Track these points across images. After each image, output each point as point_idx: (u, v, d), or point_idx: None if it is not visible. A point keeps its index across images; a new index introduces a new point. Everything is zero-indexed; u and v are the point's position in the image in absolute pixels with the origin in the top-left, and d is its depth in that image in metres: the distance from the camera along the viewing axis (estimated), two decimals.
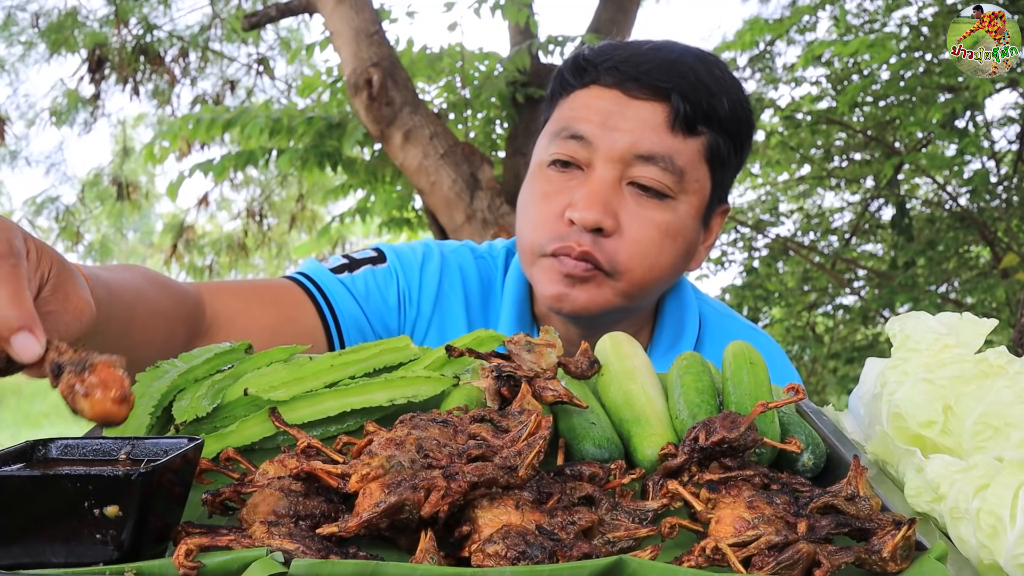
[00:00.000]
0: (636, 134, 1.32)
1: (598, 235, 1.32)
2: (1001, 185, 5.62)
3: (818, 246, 6.88)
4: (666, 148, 1.32)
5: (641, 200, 1.34)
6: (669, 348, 1.50)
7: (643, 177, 1.33)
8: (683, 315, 1.53)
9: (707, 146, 1.36)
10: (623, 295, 1.37)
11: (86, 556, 0.65)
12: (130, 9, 6.56)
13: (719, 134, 1.37)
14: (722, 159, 1.39)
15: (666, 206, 1.34)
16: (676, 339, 1.51)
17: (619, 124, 1.33)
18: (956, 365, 0.88)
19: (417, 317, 1.50)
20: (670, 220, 1.35)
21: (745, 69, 6.18)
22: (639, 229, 1.33)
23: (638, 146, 1.32)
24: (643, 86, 1.34)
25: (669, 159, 1.32)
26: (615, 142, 1.32)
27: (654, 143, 1.32)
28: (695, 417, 0.94)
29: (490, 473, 0.71)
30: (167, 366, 1.01)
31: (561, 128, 1.37)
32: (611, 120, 1.33)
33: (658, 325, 1.52)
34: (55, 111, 7.33)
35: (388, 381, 1.01)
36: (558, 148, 1.37)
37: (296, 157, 4.99)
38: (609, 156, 1.33)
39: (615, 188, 1.33)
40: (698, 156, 1.36)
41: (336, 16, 4.35)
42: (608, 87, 1.36)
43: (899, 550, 0.69)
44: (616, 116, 1.34)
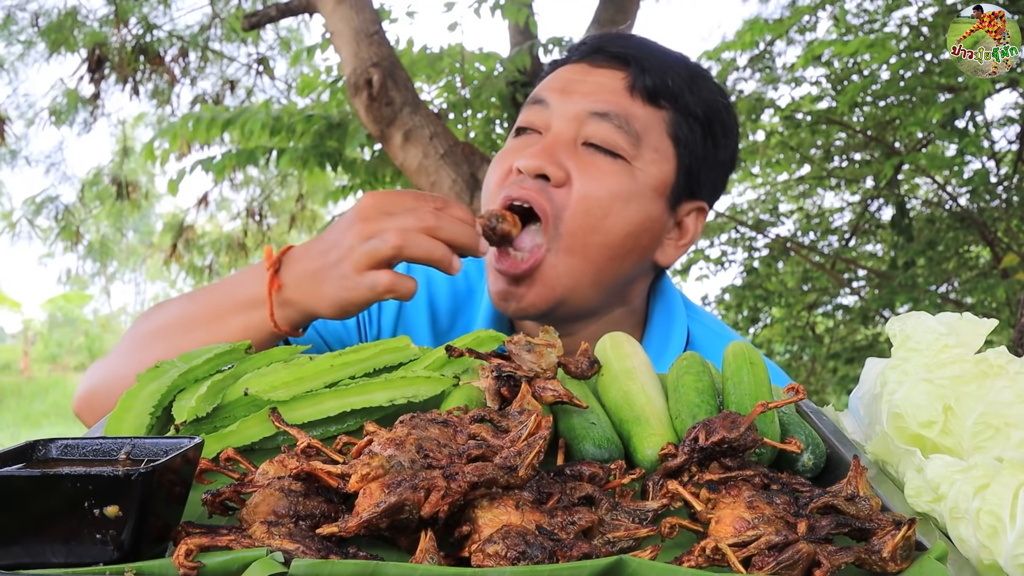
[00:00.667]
0: (593, 95, 1.33)
1: (546, 183, 1.30)
2: (1001, 185, 5.62)
3: (818, 246, 6.88)
4: (621, 108, 1.32)
5: (594, 157, 1.32)
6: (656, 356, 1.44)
7: (596, 135, 1.31)
8: (671, 324, 1.50)
9: (671, 122, 1.35)
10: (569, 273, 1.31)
11: (86, 556, 0.65)
12: (130, 9, 6.56)
13: (685, 117, 1.36)
14: (688, 142, 1.37)
15: (620, 167, 1.32)
16: (663, 346, 1.48)
17: (578, 88, 1.35)
18: (956, 365, 0.88)
19: (379, 335, 1.49)
20: (622, 182, 1.31)
21: (745, 69, 6.18)
22: (587, 183, 1.30)
23: (595, 105, 1.32)
24: (605, 55, 1.37)
25: (623, 118, 1.32)
26: (572, 104, 1.34)
27: (609, 102, 1.32)
28: (695, 417, 0.94)
29: (490, 473, 0.71)
30: (167, 366, 1.01)
31: (528, 100, 1.40)
32: (571, 86, 1.36)
33: (647, 332, 1.50)
34: (55, 111, 7.32)
35: (388, 381, 1.01)
36: (521, 116, 1.39)
37: (296, 157, 4.99)
38: (564, 116, 1.33)
39: (569, 146, 1.32)
40: (659, 127, 1.35)
41: (336, 16, 4.35)
42: (575, 63, 1.40)
43: (899, 550, 0.69)
44: (576, 83, 1.36)
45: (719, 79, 6.06)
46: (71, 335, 25.30)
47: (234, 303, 1.26)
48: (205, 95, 7.26)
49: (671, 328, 1.49)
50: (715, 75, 6.08)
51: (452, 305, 1.53)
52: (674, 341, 1.48)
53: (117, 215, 8.91)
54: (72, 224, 8.10)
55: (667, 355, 1.46)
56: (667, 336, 1.49)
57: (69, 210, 8.08)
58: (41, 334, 25.19)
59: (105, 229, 9.73)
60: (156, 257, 11.59)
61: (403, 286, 1.19)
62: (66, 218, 8.02)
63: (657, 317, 1.50)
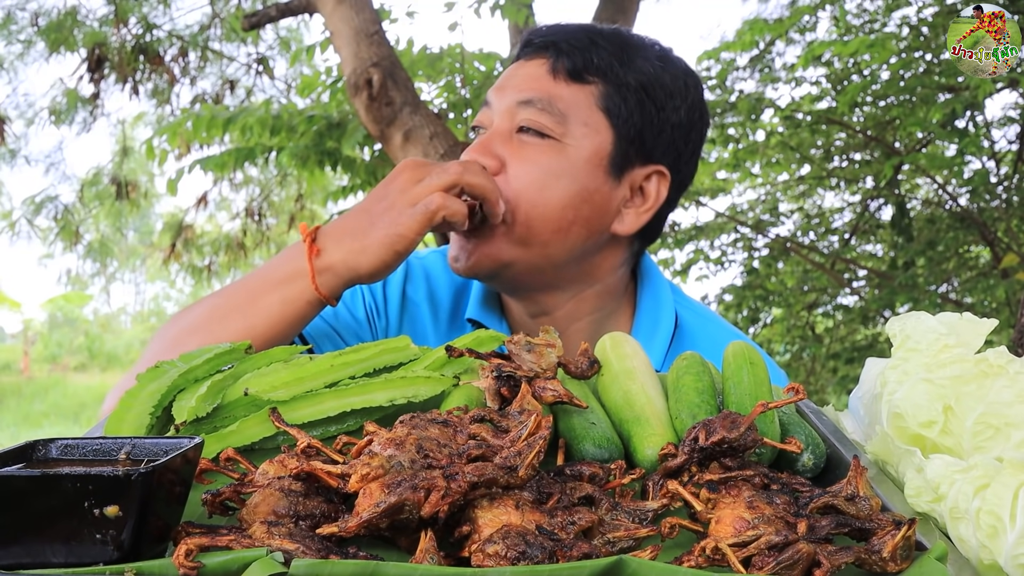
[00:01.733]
0: (520, 86, 1.44)
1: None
2: (1001, 185, 5.62)
3: (818, 246, 6.88)
4: (543, 92, 1.42)
5: (525, 142, 1.42)
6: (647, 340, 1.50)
7: (525, 120, 1.41)
8: (658, 309, 1.55)
9: (600, 95, 1.43)
10: (516, 243, 1.40)
11: (86, 556, 0.65)
12: (130, 8, 6.55)
13: (617, 87, 1.43)
14: (623, 112, 1.43)
15: (549, 147, 1.40)
16: (651, 333, 1.53)
17: (510, 83, 1.45)
18: (956, 365, 0.88)
19: (387, 327, 1.56)
20: (553, 160, 1.40)
21: (745, 69, 6.18)
22: (520, 166, 1.40)
23: (520, 95, 1.43)
24: (531, 48, 1.47)
25: (547, 101, 1.41)
26: (506, 98, 1.44)
27: (532, 89, 1.42)
28: (695, 417, 0.94)
29: (490, 473, 0.71)
30: (167, 366, 1.01)
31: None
32: (505, 82, 1.46)
33: (636, 315, 1.56)
34: (54, 110, 7.32)
35: (388, 381, 1.01)
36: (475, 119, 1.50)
37: (296, 155, 4.99)
38: (500, 110, 1.44)
39: (505, 137, 1.42)
40: (587, 103, 1.43)
41: (336, 16, 4.35)
42: (517, 59, 1.50)
43: (899, 550, 0.69)
44: (509, 78, 1.47)
45: (719, 79, 6.07)
46: (71, 335, 25.30)
47: (270, 282, 1.33)
48: (205, 95, 7.26)
49: (659, 311, 1.55)
50: (715, 75, 6.10)
51: (452, 296, 1.60)
52: (663, 325, 1.53)
53: (117, 215, 8.91)
54: (72, 224, 8.10)
55: (657, 338, 1.51)
56: (656, 319, 1.54)
57: (68, 210, 8.07)
58: (41, 334, 25.19)
59: (105, 229, 9.73)
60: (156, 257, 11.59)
61: (455, 204, 1.30)
62: (65, 218, 8.02)
63: (645, 300, 1.56)
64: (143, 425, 0.93)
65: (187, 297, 26.87)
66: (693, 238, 6.66)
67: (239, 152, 5.22)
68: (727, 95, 5.94)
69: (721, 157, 6.65)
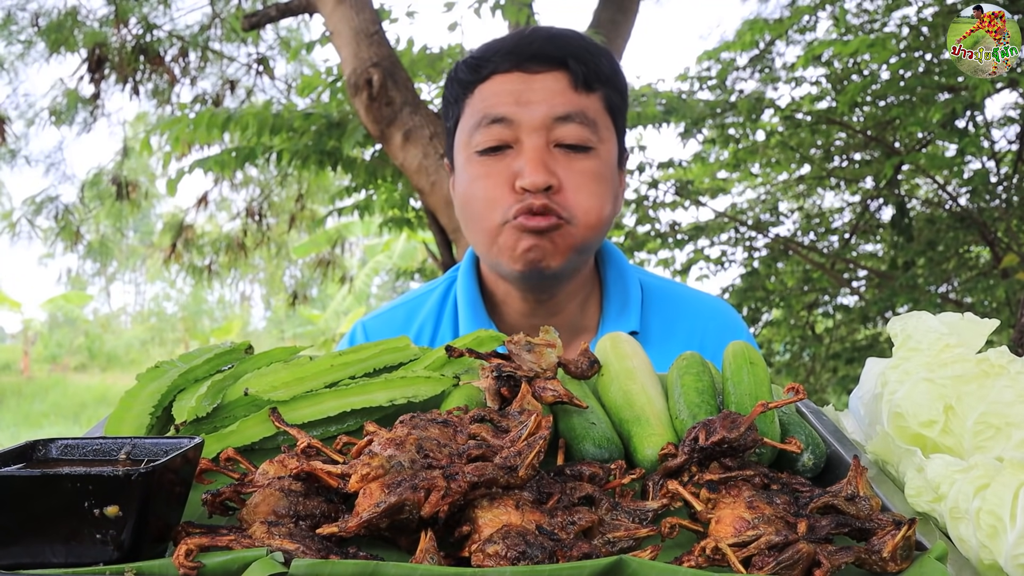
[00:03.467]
0: (549, 101, 1.47)
1: (549, 193, 1.45)
2: (1001, 185, 5.62)
3: (818, 246, 6.88)
4: (576, 106, 1.47)
5: (570, 156, 1.47)
6: (619, 313, 1.60)
7: (566, 137, 1.46)
8: (625, 282, 1.65)
9: (605, 99, 1.52)
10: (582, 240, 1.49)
11: (86, 556, 0.65)
12: (130, 9, 6.55)
13: (610, 88, 1.52)
14: (618, 110, 1.54)
15: (591, 157, 1.48)
16: (624, 304, 1.62)
17: (531, 97, 1.47)
18: (957, 365, 0.88)
19: None
20: (597, 167, 1.49)
21: (745, 69, 6.18)
22: (577, 181, 1.46)
23: (554, 111, 1.46)
24: (540, 61, 1.49)
25: (582, 114, 1.47)
26: (533, 114, 1.46)
27: (567, 104, 1.47)
28: (695, 417, 0.94)
29: (490, 473, 0.71)
30: (167, 366, 1.01)
31: (480, 118, 1.49)
32: (523, 96, 1.47)
33: (605, 293, 1.64)
34: (54, 111, 7.32)
35: (388, 381, 1.01)
36: (483, 137, 1.49)
37: (296, 154, 4.98)
38: (532, 127, 1.46)
39: (547, 151, 1.47)
40: (601, 109, 1.51)
41: (336, 16, 4.35)
42: (508, 72, 1.50)
43: (899, 550, 0.69)
44: (526, 92, 1.48)
45: (718, 79, 6.07)
46: (71, 335, 25.30)
47: None
48: (205, 95, 7.26)
49: (626, 283, 1.65)
50: (715, 75, 6.10)
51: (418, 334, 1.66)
52: (631, 293, 1.63)
53: (117, 215, 8.91)
54: (72, 224, 8.10)
55: (629, 308, 1.61)
56: (624, 290, 1.63)
57: (69, 210, 8.07)
58: (41, 334, 25.19)
59: (105, 229, 9.73)
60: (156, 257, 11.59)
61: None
62: (65, 218, 8.02)
63: (610, 275, 1.65)
64: (143, 425, 0.92)
65: (187, 297, 26.87)
66: (693, 238, 6.66)
67: (239, 152, 5.21)
68: (727, 95, 5.94)
69: (720, 158, 6.65)
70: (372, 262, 16.87)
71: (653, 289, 1.67)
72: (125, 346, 24.90)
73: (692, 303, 1.67)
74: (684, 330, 1.62)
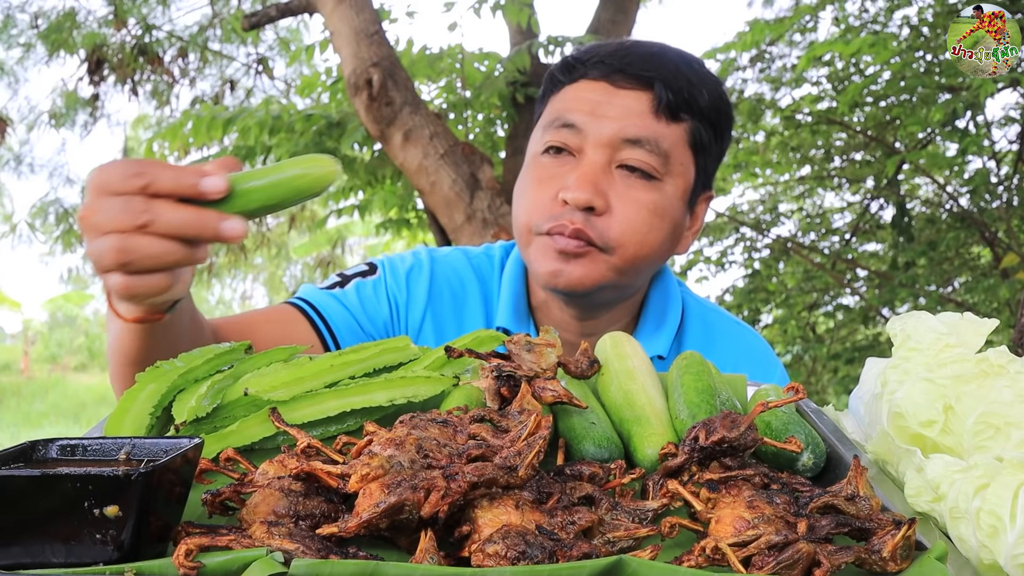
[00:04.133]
0: (623, 120, 1.40)
1: (590, 214, 1.39)
2: (1001, 185, 5.62)
3: (819, 246, 6.88)
4: (651, 132, 1.41)
5: (630, 181, 1.41)
6: (653, 332, 1.56)
7: (631, 159, 1.40)
8: (666, 303, 1.60)
9: (690, 132, 1.44)
10: (615, 270, 1.43)
11: (86, 556, 0.65)
12: (129, 9, 6.55)
13: (700, 122, 1.45)
14: (704, 146, 1.47)
15: (653, 187, 1.42)
16: (657, 327, 1.58)
17: (607, 112, 1.41)
18: (957, 364, 0.88)
19: (410, 323, 1.58)
20: (657, 200, 1.42)
21: (746, 70, 6.18)
22: (628, 208, 1.40)
23: (625, 131, 1.40)
24: (628, 76, 1.43)
25: (654, 142, 1.40)
26: (603, 128, 1.41)
27: (639, 128, 1.40)
28: (695, 417, 0.94)
29: (490, 473, 0.71)
30: (167, 366, 1.01)
31: (554, 119, 1.46)
32: (599, 109, 1.42)
33: (643, 311, 1.60)
34: (54, 114, 7.32)
35: (388, 381, 1.01)
36: (551, 137, 1.45)
37: (295, 154, 4.98)
38: (598, 141, 1.41)
39: (605, 171, 1.41)
40: (681, 141, 1.44)
41: (336, 16, 4.35)
42: (595, 80, 1.45)
43: (899, 550, 0.69)
44: (604, 105, 1.42)
45: (719, 77, 6.06)
46: (71, 335, 25.30)
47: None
48: (204, 95, 7.26)
49: (667, 304, 1.60)
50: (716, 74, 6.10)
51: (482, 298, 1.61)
52: (670, 315, 1.59)
53: None
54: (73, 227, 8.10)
55: (662, 332, 1.56)
56: (662, 314, 1.59)
57: (69, 213, 8.08)
58: (41, 334, 25.19)
59: None
60: None
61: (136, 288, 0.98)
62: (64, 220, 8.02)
63: (654, 294, 1.61)
64: (143, 425, 0.92)
65: None
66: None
67: (238, 152, 5.21)
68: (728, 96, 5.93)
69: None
70: None
71: (694, 314, 1.62)
72: None
73: (729, 334, 1.62)
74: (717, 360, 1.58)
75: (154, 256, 0.94)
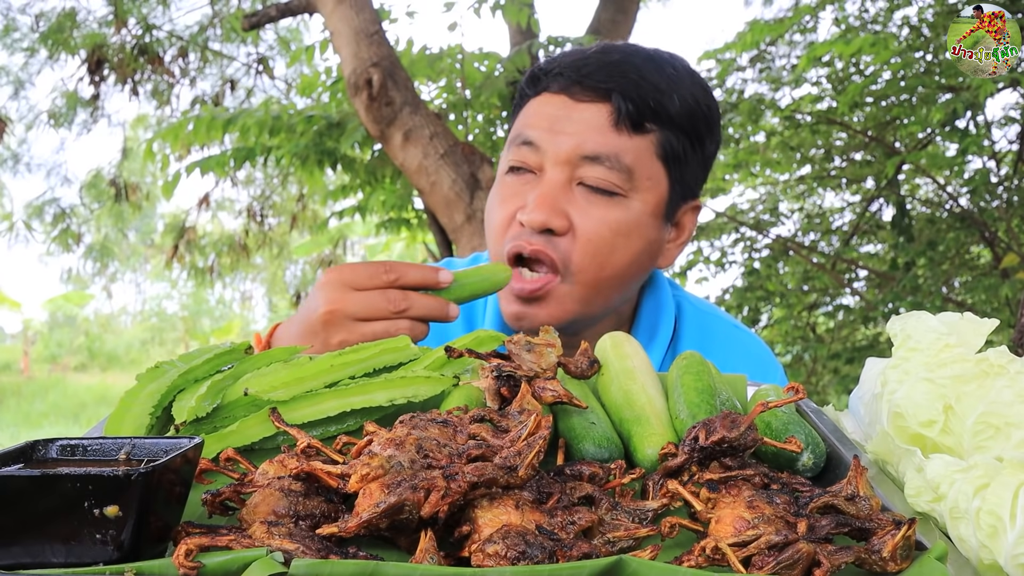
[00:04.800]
0: (581, 136, 1.35)
1: (551, 235, 1.35)
2: (1001, 185, 5.62)
3: (818, 246, 6.87)
4: (611, 147, 1.35)
5: (591, 199, 1.36)
6: (644, 345, 1.51)
7: (590, 177, 1.35)
8: (658, 312, 1.55)
9: (658, 143, 1.37)
10: (580, 301, 1.38)
11: (86, 556, 0.65)
12: (129, 9, 6.55)
13: (671, 131, 1.38)
14: (677, 155, 1.39)
15: (616, 204, 1.36)
16: (651, 335, 1.53)
17: (565, 128, 1.36)
18: (957, 364, 0.87)
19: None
20: (621, 218, 1.36)
21: (746, 70, 6.17)
22: (590, 227, 1.35)
23: (583, 147, 1.35)
24: (586, 89, 1.37)
25: (615, 158, 1.35)
26: (561, 145, 1.36)
27: (598, 143, 1.35)
28: (695, 417, 0.94)
29: (490, 473, 0.71)
30: (167, 366, 1.01)
31: (516, 136, 1.42)
32: (557, 124, 1.37)
33: (635, 323, 1.55)
34: (53, 114, 7.32)
35: (388, 381, 1.01)
36: (513, 155, 1.41)
37: (295, 153, 4.98)
38: (556, 159, 1.36)
39: (565, 189, 1.36)
40: (648, 153, 1.37)
41: (336, 16, 4.35)
42: (555, 93, 1.40)
43: (899, 550, 0.69)
44: (562, 120, 1.37)
45: (719, 79, 6.06)
46: (71, 335, 25.30)
47: None
48: (204, 95, 7.26)
49: (659, 313, 1.55)
50: (715, 76, 6.10)
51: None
52: (662, 325, 1.53)
53: (118, 216, 8.92)
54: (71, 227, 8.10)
55: (656, 341, 1.52)
56: (655, 323, 1.54)
57: (66, 213, 8.08)
58: (41, 334, 25.19)
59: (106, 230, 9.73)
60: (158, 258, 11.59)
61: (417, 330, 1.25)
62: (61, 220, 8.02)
63: (646, 304, 1.56)
64: (143, 425, 0.92)
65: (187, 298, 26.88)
66: (693, 239, 6.65)
67: (238, 152, 5.22)
68: (728, 96, 5.94)
69: (721, 160, 6.65)
70: None
71: (689, 317, 1.58)
72: (125, 346, 24.90)
73: (727, 338, 1.58)
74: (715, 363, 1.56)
75: (412, 335, 1.21)
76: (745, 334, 1.62)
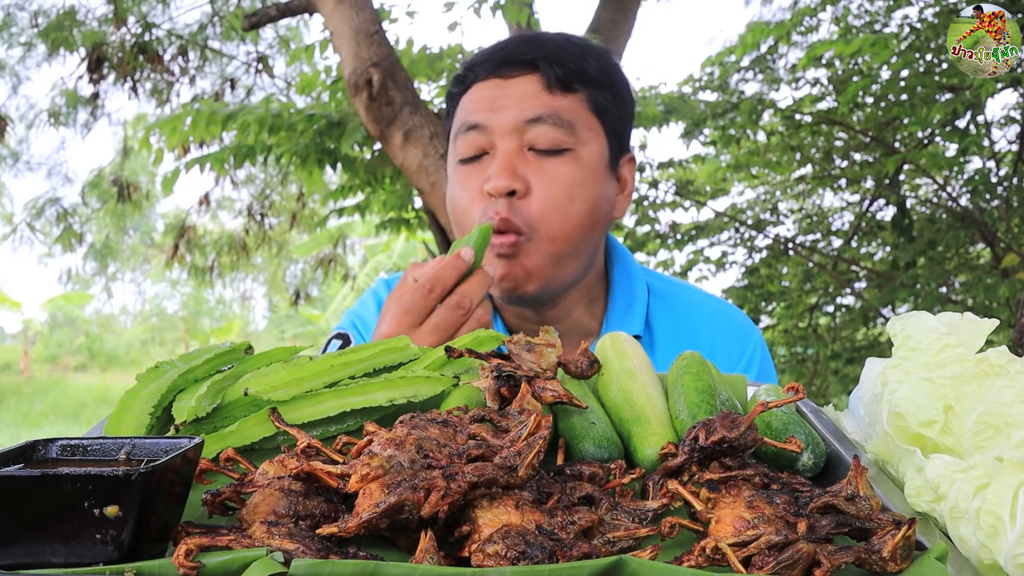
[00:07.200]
0: (520, 104, 1.47)
1: (512, 199, 1.44)
2: (1001, 185, 5.62)
3: (818, 246, 6.87)
4: (549, 107, 1.46)
5: (543, 162, 1.46)
6: (623, 316, 1.60)
7: (539, 140, 1.46)
8: (632, 284, 1.64)
9: (588, 99, 1.50)
10: (550, 256, 1.47)
11: (86, 556, 0.65)
12: (129, 8, 6.55)
13: (595, 88, 1.50)
14: (607, 108, 1.52)
15: (567, 159, 1.47)
16: (628, 307, 1.61)
17: (503, 103, 1.48)
18: (957, 364, 0.87)
19: None
20: (574, 170, 1.47)
21: (747, 71, 6.17)
22: (547, 185, 1.45)
23: (525, 113, 1.46)
24: (513, 65, 1.49)
25: (555, 115, 1.46)
26: (504, 118, 1.47)
27: (537, 106, 1.46)
28: (695, 417, 0.94)
29: (490, 473, 0.71)
30: (167, 366, 1.01)
31: (458, 128, 1.52)
32: (497, 102, 1.48)
33: (610, 296, 1.63)
34: (53, 112, 7.32)
35: (388, 381, 1.01)
36: (461, 146, 1.51)
37: (295, 152, 4.97)
38: (504, 131, 1.46)
39: (520, 155, 1.46)
40: (582, 109, 1.49)
41: (336, 16, 4.35)
42: (486, 79, 1.52)
43: (899, 550, 0.69)
44: (499, 97, 1.49)
45: (720, 80, 6.07)
46: (71, 335, 25.31)
47: None
48: (204, 94, 7.26)
49: (632, 284, 1.64)
50: (717, 77, 6.10)
51: None
52: (637, 297, 1.62)
53: (119, 216, 8.91)
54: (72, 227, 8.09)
55: (634, 312, 1.60)
56: (630, 293, 1.62)
57: (68, 212, 8.07)
58: (41, 334, 25.19)
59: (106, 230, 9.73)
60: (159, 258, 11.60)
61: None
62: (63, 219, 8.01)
63: (617, 276, 1.64)
64: (143, 425, 0.92)
65: (187, 298, 26.88)
66: (693, 238, 6.65)
67: (238, 149, 5.20)
68: (729, 96, 5.94)
69: (720, 160, 6.65)
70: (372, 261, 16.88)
71: (661, 292, 1.66)
72: (125, 346, 24.91)
73: (702, 307, 1.66)
74: (692, 334, 1.60)
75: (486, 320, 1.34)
76: (719, 302, 1.71)
